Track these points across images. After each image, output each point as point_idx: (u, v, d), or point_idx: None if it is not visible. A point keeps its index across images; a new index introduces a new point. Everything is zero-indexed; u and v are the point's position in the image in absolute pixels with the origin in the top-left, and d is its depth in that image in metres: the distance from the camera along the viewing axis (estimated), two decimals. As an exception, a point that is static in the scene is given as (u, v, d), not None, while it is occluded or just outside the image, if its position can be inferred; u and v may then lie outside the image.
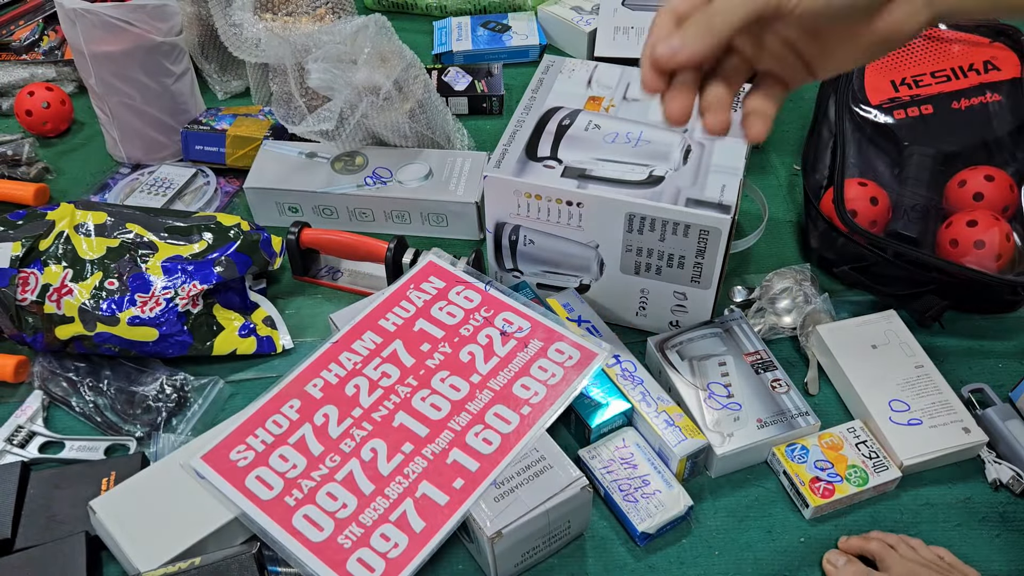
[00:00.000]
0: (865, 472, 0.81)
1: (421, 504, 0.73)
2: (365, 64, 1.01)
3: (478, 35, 1.38)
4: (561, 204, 0.87)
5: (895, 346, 0.90)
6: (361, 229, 1.07)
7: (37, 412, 0.88)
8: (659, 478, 0.80)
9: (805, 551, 0.78)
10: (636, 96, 0.96)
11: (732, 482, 0.83)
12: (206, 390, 0.90)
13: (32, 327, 0.89)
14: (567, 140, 0.91)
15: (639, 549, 0.79)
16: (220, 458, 0.77)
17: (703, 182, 0.85)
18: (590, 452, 0.82)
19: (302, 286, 1.04)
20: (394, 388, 0.81)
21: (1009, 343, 0.95)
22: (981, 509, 0.81)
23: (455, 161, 1.09)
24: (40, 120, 1.22)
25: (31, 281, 0.90)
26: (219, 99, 1.30)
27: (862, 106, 1.05)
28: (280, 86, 1.09)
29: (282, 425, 0.79)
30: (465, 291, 0.88)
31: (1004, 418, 0.85)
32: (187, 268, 0.93)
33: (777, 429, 0.82)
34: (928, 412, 0.85)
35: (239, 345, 0.94)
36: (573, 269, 0.93)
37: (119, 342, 0.89)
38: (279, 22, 1.13)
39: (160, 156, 1.19)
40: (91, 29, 1.06)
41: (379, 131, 1.09)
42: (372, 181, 1.07)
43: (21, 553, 0.75)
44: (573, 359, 0.82)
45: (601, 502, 0.81)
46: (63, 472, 0.82)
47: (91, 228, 0.95)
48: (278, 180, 1.08)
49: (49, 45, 1.35)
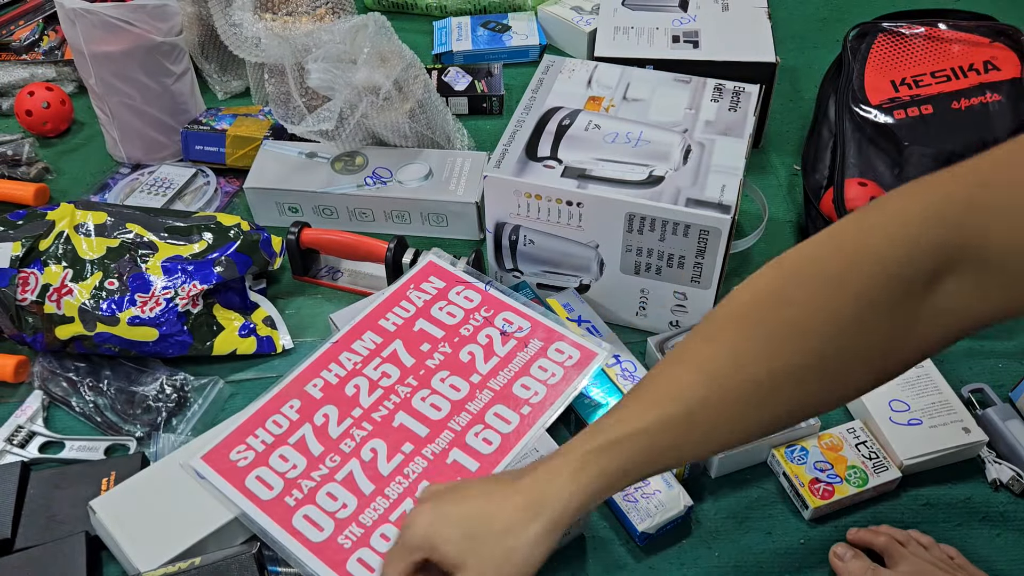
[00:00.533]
0: (865, 473, 0.81)
1: (421, 504, 0.73)
2: (365, 64, 1.01)
3: (478, 35, 1.38)
4: (561, 204, 0.87)
5: (895, 346, 0.90)
6: (361, 229, 1.07)
7: (37, 412, 0.88)
8: (659, 478, 0.80)
9: (805, 553, 0.78)
10: (636, 96, 0.96)
11: (732, 482, 0.83)
12: (206, 390, 0.90)
13: (32, 327, 0.89)
14: (567, 140, 0.91)
15: (639, 549, 0.79)
16: (220, 458, 0.77)
17: (703, 182, 0.85)
18: (590, 452, 0.82)
19: (302, 286, 1.04)
20: (394, 388, 0.81)
21: (1009, 343, 0.95)
22: (981, 509, 0.81)
23: (455, 161, 1.09)
24: (40, 120, 1.22)
25: (31, 281, 0.90)
26: (219, 99, 1.30)
27: (862, 106, 1.04)
28: (277, 86, 1.09)
29: (282, 425, 0.79)
30: (465, 291, 0.88)
31: (1004, 418, 0.85)
32: (187, 268, 0.93)
33: (777, 429, 0.82)
34: (928, 412, 0.85)
35: (239, 345, 0.94)
36: (573, 269, 0.93)
37: (119, 342, 0.89)
38: (279, 22, 1.13)
39: (160, 156, 1.19)
40: (91, 29, 1.06)
41: (379, 131, 1.09)
42: (372, 181, 1.07)
43: (21, 553, 0.75)
44: (573, 359, 0.82)
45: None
46: (63, 472, 0.82)
47: (91, 228, 0.95)
48: (278, 180, 1.08)
49: (49, 45, 1.35)
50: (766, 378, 0.50)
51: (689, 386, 0.53)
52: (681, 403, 0.52)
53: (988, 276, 0.44)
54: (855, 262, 0.48)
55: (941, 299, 0.46)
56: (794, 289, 0.51)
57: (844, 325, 0.48)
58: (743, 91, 0.97)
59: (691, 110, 0.94)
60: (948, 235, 0.44)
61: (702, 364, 0.53)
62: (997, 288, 0.44)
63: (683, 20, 1.16)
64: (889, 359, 0.50)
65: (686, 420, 0.52)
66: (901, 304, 0.47)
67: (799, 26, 1.43)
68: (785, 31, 1.36)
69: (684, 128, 0.92)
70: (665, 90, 0.97)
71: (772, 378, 0.50)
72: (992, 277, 0.44)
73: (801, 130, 1.19)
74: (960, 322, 0.47)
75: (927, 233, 0.45)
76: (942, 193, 0.45)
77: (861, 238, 0.48)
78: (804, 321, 0.49)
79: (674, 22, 1.16)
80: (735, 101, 0.96)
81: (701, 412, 0.52)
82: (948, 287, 0.46)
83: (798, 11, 1.46)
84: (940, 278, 0.46)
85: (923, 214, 0.45)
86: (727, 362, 0.52)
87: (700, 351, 0.54)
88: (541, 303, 0.90)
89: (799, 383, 0.50)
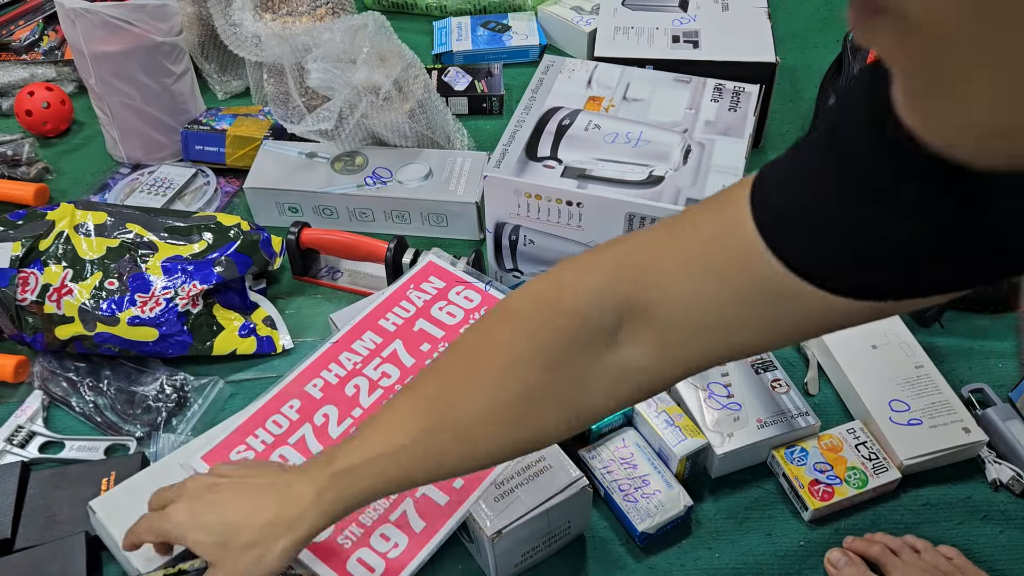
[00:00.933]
0: (864, 474, 0.81)
1: (421, 504, 0.73)
2: (364, 64, 1.01)
3: (478, 35, 1.38)
4: (561, 204, 0.87)
5: (895, 346, 0.90)
6: (361, 229, 1.07)
7: (37, 412, 0.88)
8: (659, 478, 0.80)
9: (805, 554, 0.78)
10: (636, 96, 0.96)
11: (732, 483, 0.83)
12: (206, 390, 0.90)
13: (32, 327, 0.89)
14: (567, 140, 0.91)
15: (639, 549, 0.79)
16: (220, 458, 0.76)
17: (703, 182, 0.85)
18: (590, 452, 0.82)
19: (302, 286, 1.04)
20: (394, 388, 0.81)
21: (1009, 343, 0.95)
22: (981, 509, 0.81)
23: (455, 161, 1.09)
24: (40, 120, 1.22)
25: (31, 281, 0.90)
26: (219, 99, 1.30)
27: (862, 106, 1.04)
28: (277, 86, 1.09)
29: (282, 425, 0.78)
30: (465, 291, 0.88)
31: (1004, 418, 0.85)
32: (187, 268, 0.93)
33: (777, 429, 0.82)
34: (928, 412, 0.85)
35: (239, 345, 0.94)
36: (573, 269, 0.93)
37: (119, 342, 0.89)
38: (279, 22, 1.13)
39: (160, 156, 1.19)
40: (91, 29, 1.06)
41: (379, 131, 1.09)
42: (372, 181, 1.07)
43: (21, 553, 0.75)
44: (573, 359, 0.82)
45: (601, 502, 0.81)
46: (63, 472, 0.82)
47: (91, 228, 0.94)
48: (278, 180, 1.08)
49: (49, 45, 1.35)
50: (475, 414, 0.57)
51: (412, 417, 0.59)
52: (408, 433, 0.58)
53: (661, 336, 0.51)
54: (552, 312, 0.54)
55: (625, 357, 0.53)
56: (499, 330, 0.57)
57: (542, 365, 0.54)
58: (743, 91, 0.97)
59: (691, 110, 0.94)
60: (620, 304, 0.51)
61: (426, 397, 0.59)
62: (672, 348, 0.51)
63: (683, 20, 1.16)
64: (581, 408, 0.56)
65: (412, 449, 0.58)
66: (587, 351, 0.53)
67: (799, 26, 1.43)
68: (785, 31, 1.36)
69: (684, 128, 0.92)
70: (665, 90, 0.97)
71: (479, 414, 0.56)
72: (665, 337, 0.51)
73: (801, 130, 1.19)
74: (648, 379, 0.54)
75: (607, 291, 0.52)
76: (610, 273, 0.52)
77: (565, 288, 0.54)
78: (506, 359, 0.56)
79: (674, 22, 1.16)
80: (735, 101, 0.96)
81: (425, 442, 0.58)
82: (629, 346, 0.52)
83: (798, 11, 1.46)
84: (620, 337, 0.52)
85: (598, 287, 0.52)
86: (442, 397, 0.58)
87: (425, 384, 0.60)
88: (541, 303, 0.90)
89: (503, 419, 0.56)
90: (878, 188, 0.41)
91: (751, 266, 0.46)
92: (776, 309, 0.47)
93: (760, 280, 0.46)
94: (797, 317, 0.47)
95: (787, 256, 0.44)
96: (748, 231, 0.45)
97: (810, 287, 0.44)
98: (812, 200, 0.44)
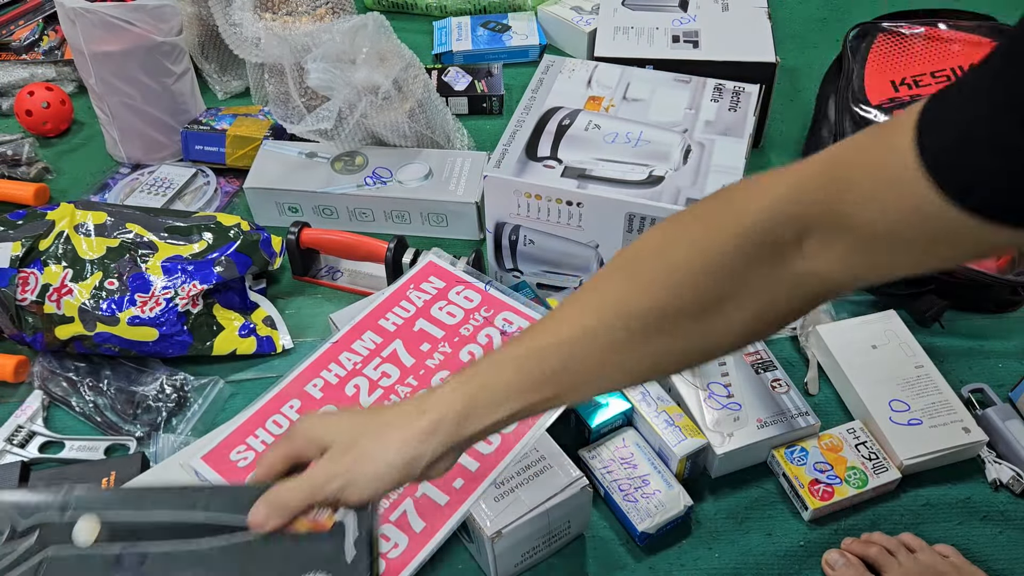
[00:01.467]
0: (864, 474, 0.81)
1: (421, 504, 0.73)
2: (364, 63, 1.01)
3: (478, 35, 1.38)
4: (561, 204, 0.87)
5: (895, 346, 0.90)
6: (361, 229, 1.07)
7: (37, 412, 0.88)
8: (659, 478, 0.80)
9: (805, 554, 0.78)
10: (636, 96, 0.96)
11: (732, 482, 0.83)
12: (206, 390, 0.90)
13: (32, 327, 0.89)
14: (567, 140, 0.91)
15: (639, 549, 0.79)
16: (220, 458, 0.76)
17: (703, 182, 0.85)
18: (590, 452, 0.82)
19: (302, 286, 1.04)
20: (394, 388, 0.81)
21: (1009, 343, 0.95)
22: (981, 509, 0.81)
23: (455, 161, 1.09)
24: (40, 120, 1.22)
25: (31, 281, 0.90)
26: (219, 99, 1.30)
27: (862, 106, 1.04)
28: (277, 86, 1.09)
29: (282, 425, 0.78)
30: (465, 291, 0.88)
31: (1004, 418, 0.85)
32: (187, 268, 0.93)
33: (777, 429, 0.82)
34: (928, 412, 0.85)
35: (239, 345, 0.94)
36: (573, 269, 0.93)
37: (119, 342, 0.89)
38: (279, 22, 1.13)
39: (160, 156, 1.19)
40: (91, 29, 1.06)
41: (379, 131, 1.09)
42: (372, 181, 1.07)
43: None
44: (573, 359, 0.82)
45: (601, 502, 0.81)
46: (63, 472, 0.82)
47: (91, 228, 0.95)
48: (278, 180, 1.08)
49: (49, 45, 1.35)
50: (647, 315, 0.54)
51: (570, 320, 0.56)
52: (565, 333, 0.56)
53: (846, 243, 0.50)
54: (731, 221, 0.53)
55: (804, 263, 0.52)
56: (677, 235, 0.56)
57: (721, 270, 0.53)
58: (743, 91, 0.97)
59: (691, 110, 0.94)
60: (806, 209, 0.50)
61: (587, 302, 0.57)
62: (855, 254, 0.50)
63: (683, 20, 1.16)
64: (760, 317, 0.55)
65: (568, 346, 0.56)
66: (769, 261, 0.52)
67: (799, 26, 1.43)
68: (785, 31, 1.36)
69: (684, 128, 0.92)
70: (665, 90, 0.97)
71: (649, 315, 0.54)
72: (850, 244, 0.50)
73: (801, 130, 1.19)
74: (823, 284, 0.53)
75: (788, 207, 0.51)
76: (806, 172, 0.52)
77: (739, 204, 0.54)
78: (684, 263, 0.54)
79: (674, 22, 1.16)
80: (735, 101, 0.96)
81: (582, 342, 0.55)
82: (810, 252, 0.51)
83: (798, 11, 1.46)
84: (802, 245, 0.51)
85: (787, 189, 0.52)
86: (610, 299, 0.56)
87: (586, 292, 0.58)
88: (541, 303, 0.90)
89: (674, 325, 0.55)
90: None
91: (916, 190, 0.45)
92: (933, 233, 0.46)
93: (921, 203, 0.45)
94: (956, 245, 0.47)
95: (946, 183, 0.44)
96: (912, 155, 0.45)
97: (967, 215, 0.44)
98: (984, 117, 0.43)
